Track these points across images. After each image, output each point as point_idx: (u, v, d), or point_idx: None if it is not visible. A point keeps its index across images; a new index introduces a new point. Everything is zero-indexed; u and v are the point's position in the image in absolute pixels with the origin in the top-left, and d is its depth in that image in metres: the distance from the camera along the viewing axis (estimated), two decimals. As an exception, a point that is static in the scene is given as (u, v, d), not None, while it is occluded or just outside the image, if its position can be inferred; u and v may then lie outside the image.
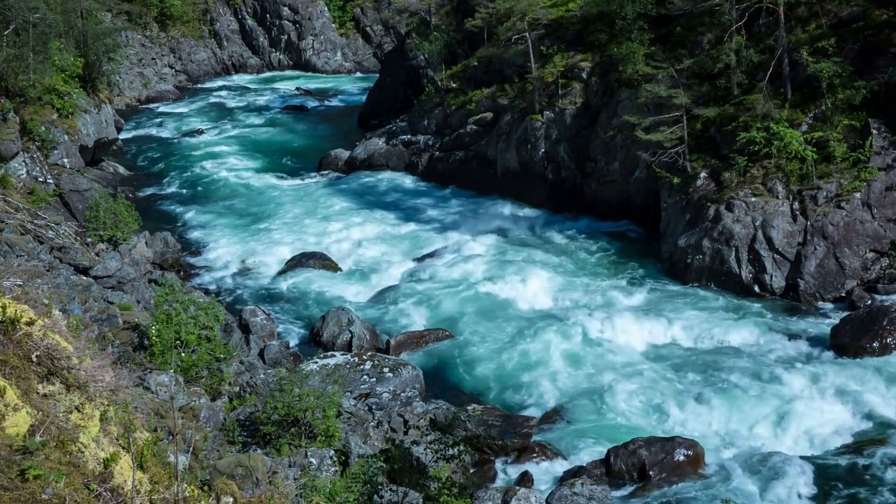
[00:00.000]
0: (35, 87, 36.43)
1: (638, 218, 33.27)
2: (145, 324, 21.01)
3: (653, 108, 31.28)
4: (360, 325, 25.41)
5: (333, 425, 17.79)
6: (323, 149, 48.00)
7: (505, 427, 20.05)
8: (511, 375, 22.96)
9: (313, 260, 31.25)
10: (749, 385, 21.15)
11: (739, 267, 26.91)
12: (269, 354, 23.58)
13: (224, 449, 16.35)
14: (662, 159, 30.06)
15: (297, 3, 76.02)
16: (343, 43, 77.13)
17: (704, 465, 18.42)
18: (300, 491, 14.21)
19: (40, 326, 7.68)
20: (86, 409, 7.14)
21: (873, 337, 22.40)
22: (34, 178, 34.35)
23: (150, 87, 66.76)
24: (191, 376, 19.83)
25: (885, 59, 27.92)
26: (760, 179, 27.96)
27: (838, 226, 26.20)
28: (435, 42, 45.88)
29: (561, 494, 16.52)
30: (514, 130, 38.28)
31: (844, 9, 30.12)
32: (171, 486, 7.18)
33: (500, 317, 26.34)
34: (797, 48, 28.91)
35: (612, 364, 23.14)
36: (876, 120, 27.34)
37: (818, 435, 19.46)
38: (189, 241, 35.09)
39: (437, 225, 35.94)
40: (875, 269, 26.10)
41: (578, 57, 37.22)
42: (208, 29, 76.61)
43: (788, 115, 28.51)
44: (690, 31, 33.55)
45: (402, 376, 22.08)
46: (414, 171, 43.20)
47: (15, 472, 5.82)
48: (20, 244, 25.94)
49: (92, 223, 31.07)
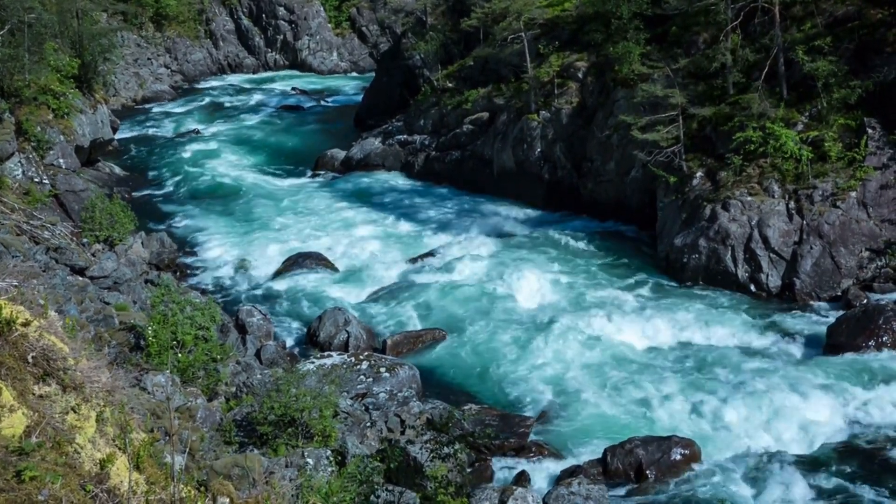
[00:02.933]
0: (30, 87, 36.39)
1: (634, 217, 33.29)
2: (142, 324, 20.98)
3: (649, 107, 31.32)
4: (356, 325, 25.40)
5: (330, 425, 17.79)
6: (319, 149, 47.97)
7: (502, 426, 20.06)
8: (507, 375, 22.96)
9: (310, 260, 31.23)
10: (745, 384, 21.18)
11: (735, 266, 26.94)
12: (266, 355, 23.57)
13: (221, 449, 16.33)
14: (658, 159, 30.09)
15: (292, 3, 75.98)
16: (339, 43, 77.11)
17: (701, 464, 18.46)
18: (297, 491, 14.19)
19: (36, 327, 7.68)
20: (82, 410, 7.14)
21: (869, 336, 22.44)
22: (30, 179, 34.29)
23: (145, 87, 66.67)
24: (187, 377, 19.81)
25: (880, 59, 27.98)
26: (756, 179, 28.01)
27: (834, 225, 26.24)
28: (431, 42, 45.92)
29: (558, 494, 16.54)
30: (510, 130, 38.29)
31: (840, 8, 30.15)
32: (168, 487, 7.19)
33: (497, 316, 26.35)
34: (793, 47, 28.97)
35: (608, 363, 23.15)
36: (871, 119, 27.38)
37: (814, 434, 19.49)
38: (185, 241, 35.04)
39: (434, 225, 35.95)
40: (871, 269, 26.14)
41: (574, 57, 37.26)
42: (204, 29, 76.50)
43: (784, 114, 28.55)
44: (686, 31, 33.58)
45: (399, 376, 22.08)
46: (410, 170, 43.20)
47: (11, 473, 5.82)
48: (16, 245, 25.90)
49: (88, 224, 31.01)
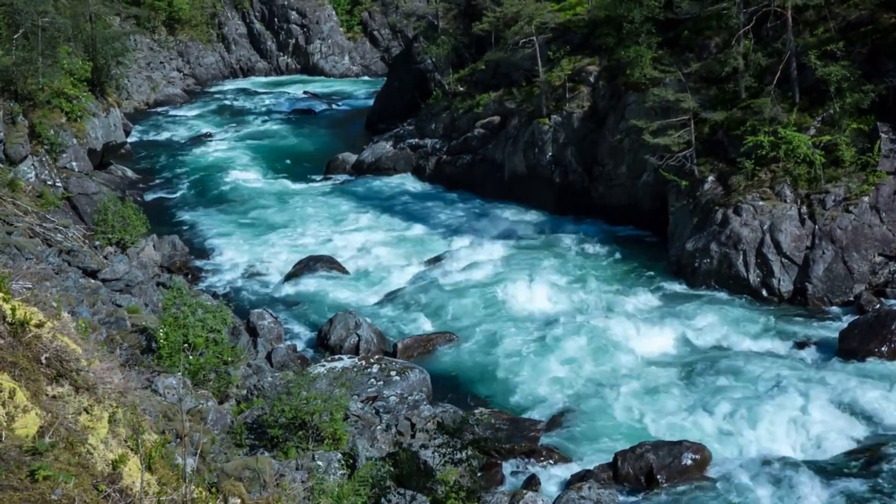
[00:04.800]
0: (44, 90, 36.59)
1: (645, 222, 33.21)
2: (153, 327, 21.05)
3: (660, 111, 31.24)
4: (367, 328, 25.42)
5: (341, 428, 17.81)
6: (330, 152, 48.10)
7: (512, 430, 20.03)
8: (518, 379, 22.93)
9: (321, 263, 31.27)
10: (756, 389, 21.10)
11: (747, 271, 26.84)
12: (277, 357, 23.62)
13: (231, 451, 16.38)
14: (670, 163, 30.02)
15: (304, 7, 76.23)
16: (351, 47, 77.30)
17: (712, 469, 18.39)
18: (307, 494, 14.21)
19: (49, 329, 7.72)
20: (94, 411, 7.17)
21: (882, 341, 22.31)
22: (43, 182, 34.48)
23: (158, 90, 66.98)
24: (198, 379, 19.86)
25: (893, 63, 27.84)
26: (768, 183, 27.91)
27: (846, 230, 26.11)
28: (442, 46, 45.96)
29: (568, 498, 16.49)
30: (521, 134, 38.28)
31: (852, 12, 30.03)
32: (180, 488, 7.21)
33: (508, 320, 26.33)
34: (805, 52, 28.86)
35: (619, 367, 23.11)
36: (884, 123, 27.25)
37: (825, 440, 19.38)
38: (197, 244, 35.15)
39: (445, 229, 35.96)
40: (883, 274, 25.99)
41: (586, 61, 37.24)
42: (216, 33, 76.85)
43: (796, 118, 28.45)
44: (698, 35, 33.50)
45: (410, 380, 22.08)
46: (421, 174, 43.23)
47: (25, 472, 5.84)
48: (29, 247, 26.05)
49: (100, 226, 31.15)
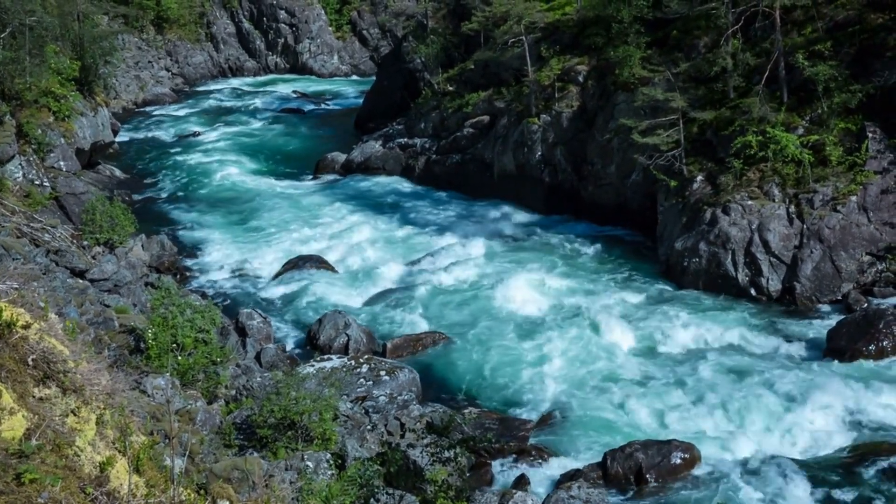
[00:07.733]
0: (31, 90, 36.43)
1: (634, 221, 33.26)
2: (142, 327, 20.97)
3: (649, 111, 31.32)
4: (356, 328, 25.39)
5: (330, 428, 17.78)
6: (319, 152, 48.00)
7: (501, 430, 20.06)
8: (508, 378, 22.95)
9: (310, 263, 31.22)
10: (745, 388, 21.17)
11: (736, 270, 26.94)
12: (266, 357, 23.56)
13: (220, 452, 16.32)
14: (659, 162, 30.09)
15: (293, 7, 76.05)
16: (340, 46, 77.17)
17: (701, 468, 18.43)
18: (297, 494, 14.19)
19: (36, 330, 7.67)
20: (82, 413, 7.13)
21: (869, 340, 22.42)
22: (30, 181, 34.32)
23: (146, 90, 66.72)
24: (187, 380, 19.80)
25: (880, 63, 27.99)
26: (757, 183, 28.00)
27: (834, 229, 26.24)
28: (432, 45, 45.95)
29: (558, 497, 16.51)
30: (510, 133, 38.31)
31: (840, 13, 30.16)
32: (168, 490, 7.18)
33: (497, 320, 26.34)
34: (793, 52, 28.98)
35: (608, 367, 23.15)
36: (872, 123, 27.38)
37: (814, 438, 19.47)
38: (185, 244, 35.04)
39: (434, 228, 35.94)
40: (871, 273, 26.13)
41: (575, 60, 37.29)
42: (205, 32, 76.56)
43: (784, 118, 28.56)
44: (687, 35, 33.59)
45: (399, 379, 22.06)
46: (410, 174, 43.20)
47: (11, 475, 5.80)
48: (16, 247, 25.90)
49: (88, 226, 31.02)
